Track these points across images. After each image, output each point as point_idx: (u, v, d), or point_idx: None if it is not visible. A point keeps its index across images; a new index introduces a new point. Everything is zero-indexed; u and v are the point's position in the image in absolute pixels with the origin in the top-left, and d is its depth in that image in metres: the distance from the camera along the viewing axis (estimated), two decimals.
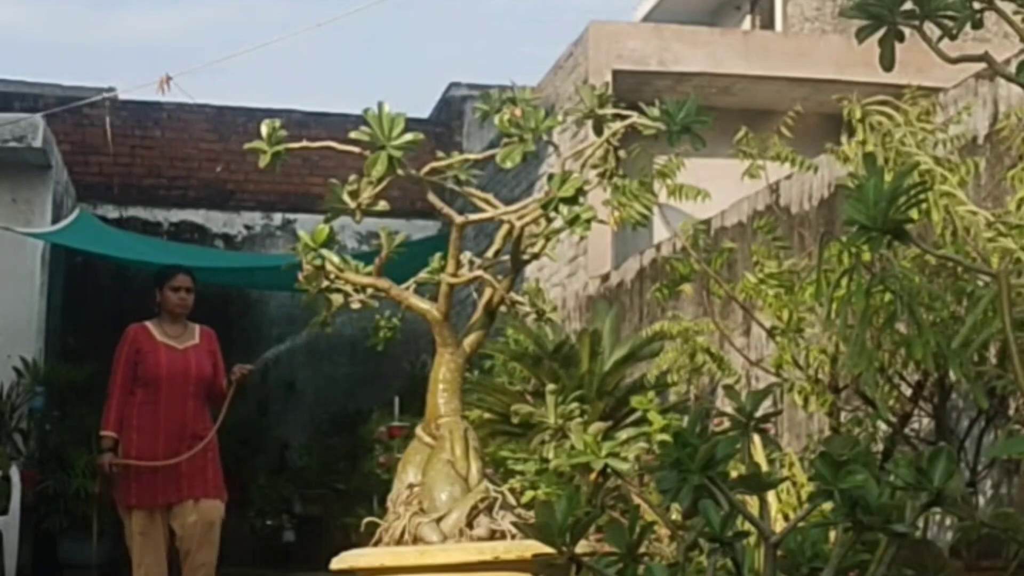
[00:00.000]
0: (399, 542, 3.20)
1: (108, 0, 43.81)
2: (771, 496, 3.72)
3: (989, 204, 4.82)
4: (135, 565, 6.69)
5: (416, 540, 3.18)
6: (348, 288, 3.38)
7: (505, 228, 3.36)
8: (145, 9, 44.00)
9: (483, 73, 44.68)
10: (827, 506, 1.98)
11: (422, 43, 44.74)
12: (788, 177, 6.90)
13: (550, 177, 3.09)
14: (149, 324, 7.00)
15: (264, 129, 3.16)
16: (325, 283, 3.37)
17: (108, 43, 42.11)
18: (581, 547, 2.10)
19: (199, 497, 6.73)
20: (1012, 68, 2.19)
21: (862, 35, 2.09)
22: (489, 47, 45.48)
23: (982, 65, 2.20)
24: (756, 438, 3.05)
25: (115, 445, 6.72)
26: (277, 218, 13.74)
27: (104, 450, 6.75)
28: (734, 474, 2.08)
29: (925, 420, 4.63)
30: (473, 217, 3.30)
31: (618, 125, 3.30)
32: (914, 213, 2.06)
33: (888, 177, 2.04)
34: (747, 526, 2.06)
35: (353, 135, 3.06)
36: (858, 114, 4.22)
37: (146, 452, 6.66)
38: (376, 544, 3.29)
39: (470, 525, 3.18)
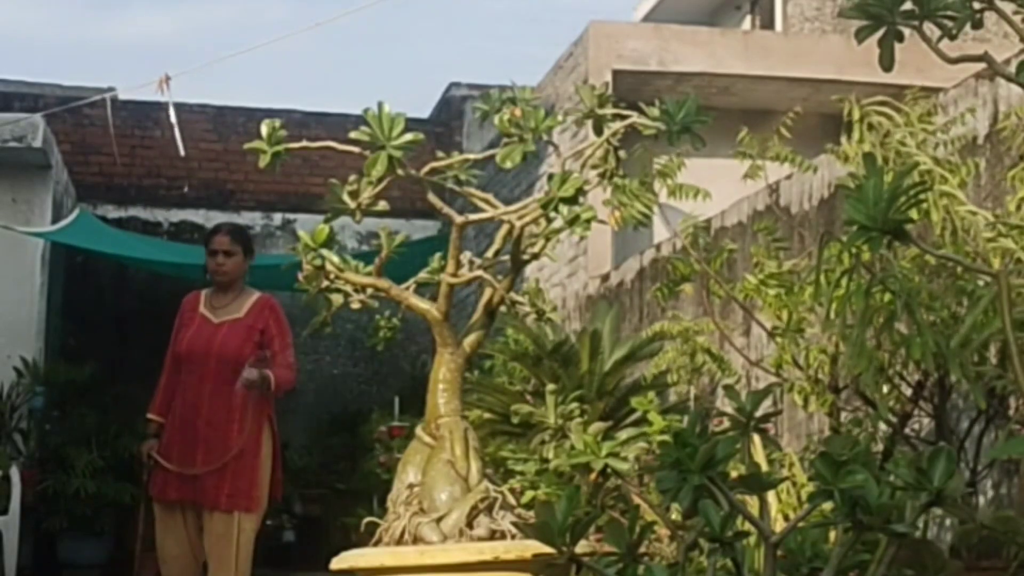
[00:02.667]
0: (399, 542, 3.20)
1: (108, 0, 43.83)
2: (771, 496, 3.72)
3: (989, 204, 4.82)
4: (160, 562, 5.96)
5: (416, 540, 3.18)
6: (348, 288, 3.38)
7: (505, 228, 3.36)
8: (145, 9, 44.01)
9: (483, 73, 44.69)
10: (827, 506, 1.98)
11: (422, 44, 44.78)
12: (788, 177, 6.90)
13: (550, 177, 3.09)
14: (204, 292, 6.14)
15: (264, 129, 3.16)
16: (325, 283, 3.37)
17: (108, 43, 42.13)
18: (581, 547, 2.11)
19: (212, 508, 5.85)
20: (1012, 68, 2.19)
21: (862, 35, 2.09)
22: (489, 48, 45.50)
23: (982, 65, 2.20)
24: (756, 438, 3.05)
25: (159, 430, 6.00)
26: (277, 218, 13.75)
27: (147, 435, 6.04)
28: (734, 474, 2.08)
29: (925, 420, 4.64)
30: (473, 217, 3.30)
31: (618, 125, 3.30)
32: (914, 213, 2.06)
33: (888, 177, 2.04)
34: (747, 526, 2.07)
35: (353, 135, 3.06)
36: (856, 114, 4.22)
37: (166, 439, 5.96)
38: (376, 544, 3.29)
39: (470, 525, 3.18)
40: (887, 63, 2.07)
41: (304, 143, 3.31)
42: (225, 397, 5.90)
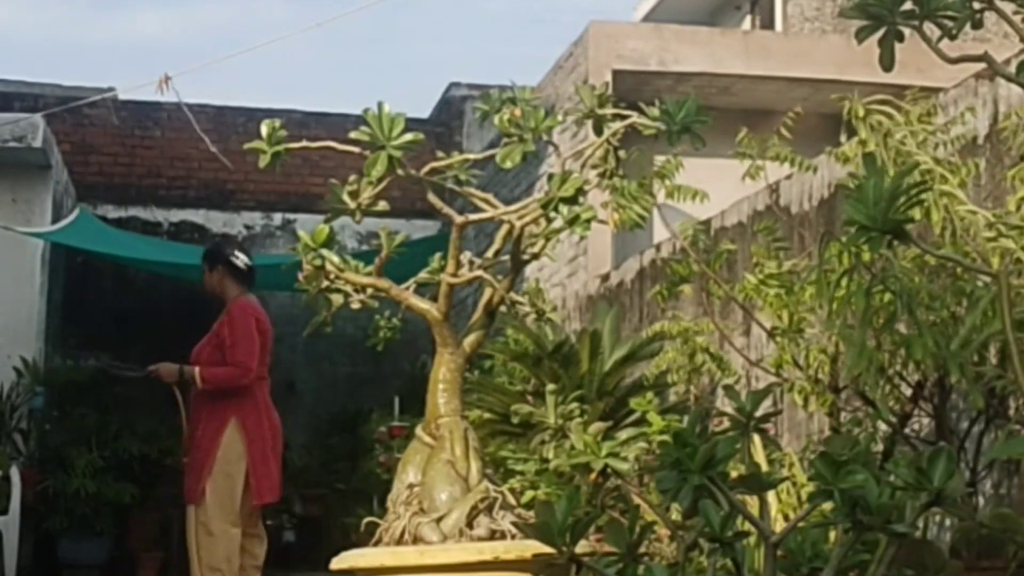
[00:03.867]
0: (399, 542, 3.20)
1: (109, 0, 43.83)
2: (771, 496, 3.72)
3: (989, 204, 4.82)
4: None
5: (416, 540, 3.18)
6: (348, 288, 3.38)
7: (505, 228, 3.35)
8: (146, 10, 44.01)
9: (483, 74, 44.70)
10: (827, 506, 1.98)
11: (422, 45, 44.80)
12: (788, 177, 6.90)
13: (550, 177, 3.09)
14: None
15: (264, 129, 3.16)
16: (325, 283, 3.36)
17: (108, 43, 42.14)
18: (581, 547, 2.11)
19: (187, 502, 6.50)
20: (1012, 68, 2.19)
21: (862, 35, 2.09)
22: (489, 49, 45.53)
23: (982, 65, 2.20)
24: (756, 438, 3.05)
25: None
26: (277, 218, 13.75)
27: None
28: (734, 474, 2.08)
29: (925, 420, 4.63)
30: (473, 217, 3.30)
31: (618, 125, 3.30)
32: (914, 213, 2.06)
33: (888, 177, 2.04)
34: (747, 526, 2.07)
35: (353, 135, 3.06)
36: (860, 112, 4.21)
37: None
38: (376, 544, 3.29)
39: (470, 525, 3.18)
40: (887, 63, 2.07)
41: (304, 143, 3.30)
42: (202, 403, 6.45)
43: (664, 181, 5.00)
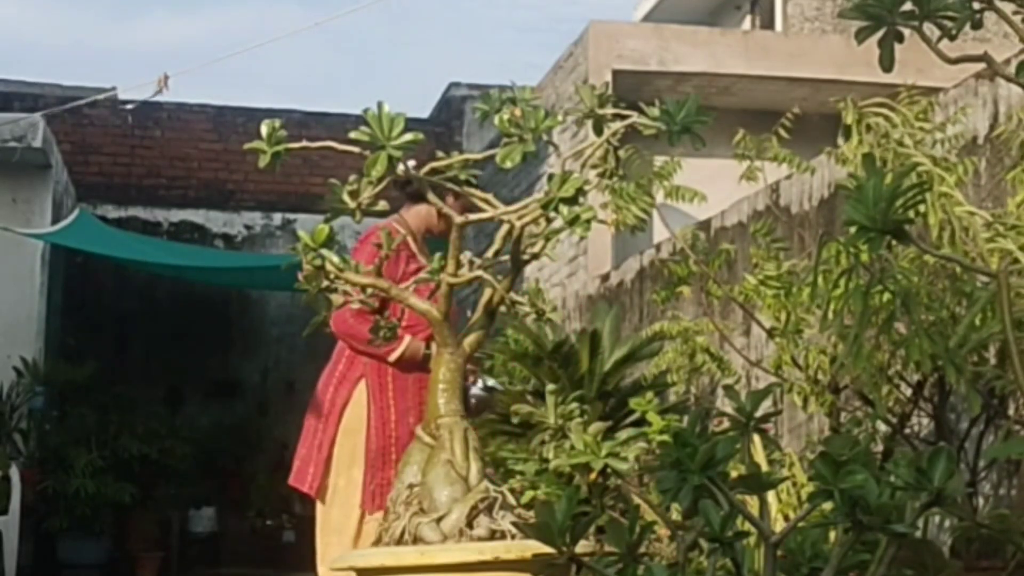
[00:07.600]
0: (399, 542, 3.20)
1: (127, 8, 43.87)
2: (771, 496, 3.72)
3: (989, 205, 4.82)
4: None
5: (416, 540, 3.18)
6: (348, 288, 3.38)
7: (505, 228, 3.35)
8: (165, 17, 43.99)
9: (483, 76, 44.76)
10: (827, 506, 1.98)
11: (422, 53, 44.87)
12: (788, 177, 6.90)
13: (550, 177, 3.09)
14: None
15: (264, 129, 3.16)
16: (325, 283, 3.36)
17: (125, 50, 42.16)
18: (581, 547, 2.11)
19: None
20: (1012, 68, 2.19)
21: (861, 36, 2.09)
22: (488, 57, 45.63)
23: (982, 65, 2.20)
24: (756, 438, 3.05)
25: None
26: (277, 218, 13.75)
27: None
28: (734, 474, 2.07)
29: (925, 420, 4.63)
30: (473, 217, 3.30)
31: (618, 125, 3.30)
32: (913, 213, 2.06)
33: (887, 178, 2.04)
34: (747, 526, 2.06)
35: (353, 135, 3.06)
36: (852, 118, 4.21)
37: None
38: (376, 544, 3.29)
39: (470, 525, 3.18)
40: (887, 64, 2.07)
41: (304, 143, 3.30)
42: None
43: (663, 182, 5.00)
